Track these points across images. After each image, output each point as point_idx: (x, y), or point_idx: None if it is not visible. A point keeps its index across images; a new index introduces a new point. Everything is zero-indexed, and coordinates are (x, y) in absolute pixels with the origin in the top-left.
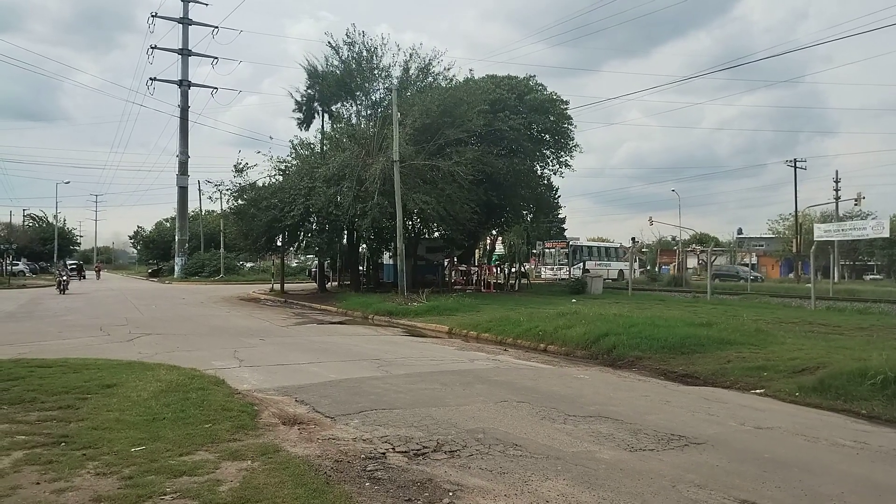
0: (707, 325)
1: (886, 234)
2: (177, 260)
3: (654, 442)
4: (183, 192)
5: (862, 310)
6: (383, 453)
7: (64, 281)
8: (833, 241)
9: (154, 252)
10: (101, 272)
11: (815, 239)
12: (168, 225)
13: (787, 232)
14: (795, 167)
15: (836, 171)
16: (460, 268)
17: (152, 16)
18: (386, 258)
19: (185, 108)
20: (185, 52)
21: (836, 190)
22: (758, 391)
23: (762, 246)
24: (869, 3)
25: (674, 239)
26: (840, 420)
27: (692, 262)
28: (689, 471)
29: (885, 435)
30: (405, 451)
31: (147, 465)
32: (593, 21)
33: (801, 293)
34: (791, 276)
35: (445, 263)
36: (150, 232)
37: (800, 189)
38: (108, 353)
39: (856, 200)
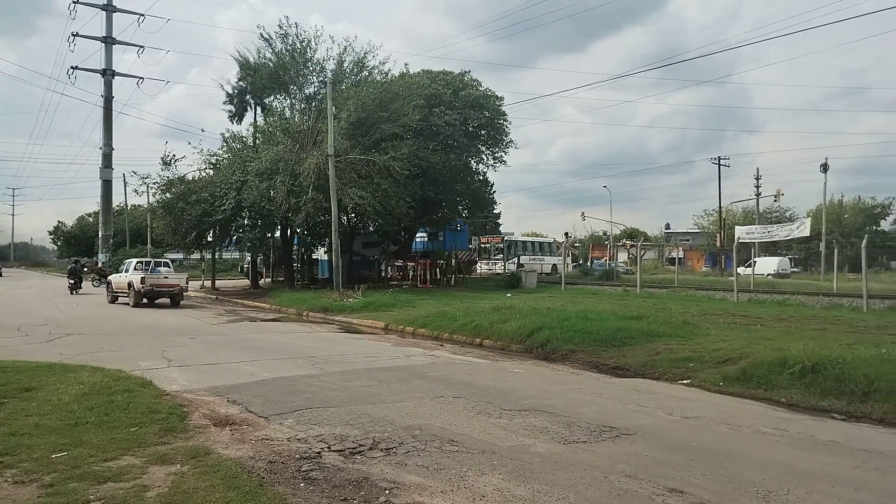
0: (637, 318)
1: (807, 234)
2: (100, 256)
3: (587, 434)
4: (107, 185)
5: (781, 302)
6: (318, 453)
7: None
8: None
9: (76, 248)
10: None
11: (737, 238)
12: (91, 220)
13: (711, 227)
14: (720, 165)
15: (757, 169)
16: (397, 263)
17: (74, 1)
18: (321, 253)
19: (108, 99)
20: (108, 41)
21: (757, 187)
22: (685, 381)
23: (688, 240)
24: (794, 5)
25: (605, 234)
26: (761, 408)
27: (623, 257)
28: (621, 461)
29: (803, 422)
30: (341, 450)
31: (69, 472)
32: (531, 17)
33: (724, 286)
34: (705, 269)
35: (381, 259)
36: (72, 227)
37: (724, 185)
38: (27, 354)
39: (775, 197)
